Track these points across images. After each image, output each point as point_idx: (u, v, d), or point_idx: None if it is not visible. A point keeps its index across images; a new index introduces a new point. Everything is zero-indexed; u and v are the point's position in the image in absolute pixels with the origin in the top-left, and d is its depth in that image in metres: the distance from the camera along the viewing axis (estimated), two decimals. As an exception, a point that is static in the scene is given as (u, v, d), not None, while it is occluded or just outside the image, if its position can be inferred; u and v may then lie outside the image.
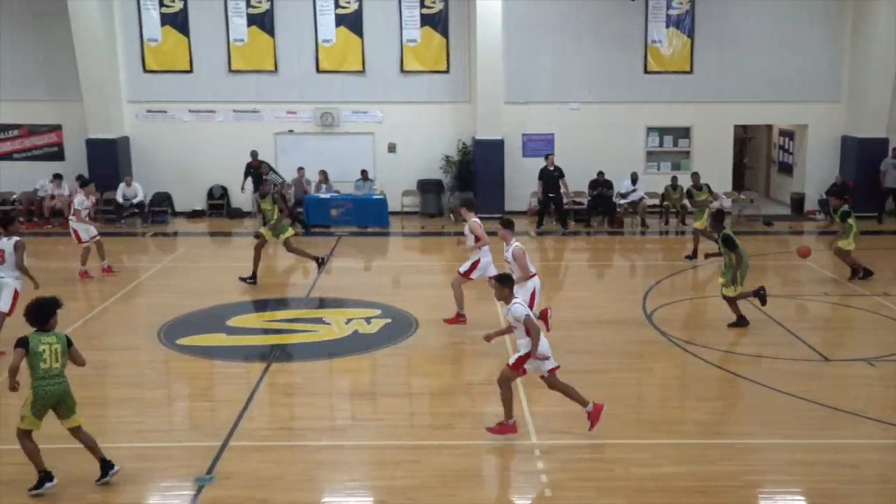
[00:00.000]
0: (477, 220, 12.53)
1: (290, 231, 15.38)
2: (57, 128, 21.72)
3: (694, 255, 16.83)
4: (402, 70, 21.69)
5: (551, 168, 20.41)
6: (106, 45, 20.68)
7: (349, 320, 12.96)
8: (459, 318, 12.48)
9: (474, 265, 12.38)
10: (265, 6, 21.23)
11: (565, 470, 8.09)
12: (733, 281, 12.26)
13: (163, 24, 21.23)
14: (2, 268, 11.44)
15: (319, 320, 12.95)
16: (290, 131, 21.91)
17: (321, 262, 15.52)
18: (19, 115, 21.55)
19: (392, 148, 22.03)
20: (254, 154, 20.17)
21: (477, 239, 12.29)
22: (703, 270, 15.78)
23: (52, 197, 20.71)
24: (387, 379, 10.93)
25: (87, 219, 15.73)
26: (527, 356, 8.57)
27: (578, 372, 10.83)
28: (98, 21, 20.32)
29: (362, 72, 21.67)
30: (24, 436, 7.66)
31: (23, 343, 7.55)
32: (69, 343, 7.80)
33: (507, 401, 8.66)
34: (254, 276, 15.15)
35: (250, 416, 9.34)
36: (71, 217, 15.99)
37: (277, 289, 15.29)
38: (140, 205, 20.92)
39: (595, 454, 8.41)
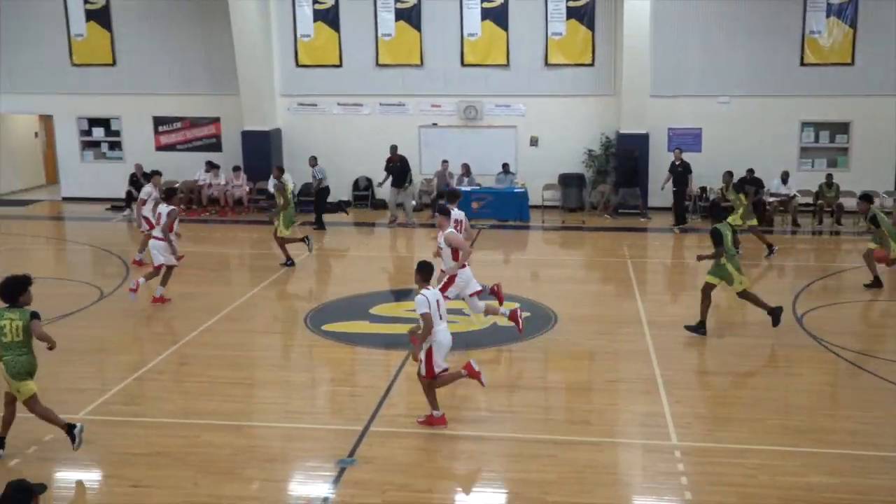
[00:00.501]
0: (453, 230, 11.60)
1: (283, 228, 15.86)
2: (216, 120, 22.83)
3: (770, 252, 16.69)
4: (546, 63, 21.59)
5: (678, 163, 19.95)
6: (262, 42, 21.55)
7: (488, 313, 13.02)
8: None
9: (450, 280, 11.42)
10: (413, 1, 21.59)
11: (706, 473, 7.89)
12: (716, 273, 11.83)
13: (315, 20, 21.92)
14: (157, 230, 13.55)
15: (459, 311, 13.08)
16: (434, 124, 22.21)
17: (307, 242, 16.20)
18: (182, 108, 22.78)
19: (534, 141, 21.99)
20: (393, 149, 20.55)
21: (455, 253, 11.35)
22: (859, 273, 15.00)
23: (210, 185, 21.75)
24: (524, 372, 10.95)
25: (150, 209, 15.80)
26: (429, 357, 8.65)
27: (721, 374, 10.55)
28: (256, 20, 21.19)
29: (506, 65, 21.71)
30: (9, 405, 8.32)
31: None
32: (35, 316, 8.15)
33: (432, 396, 8.84)
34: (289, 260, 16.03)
35: (390, 403, 9.56)
36: (142, 207, 16.17)
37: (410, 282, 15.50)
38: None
39: (738, 459, 8.16)
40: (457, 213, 12.31)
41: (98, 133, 23.41)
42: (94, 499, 7.68)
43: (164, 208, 13.55)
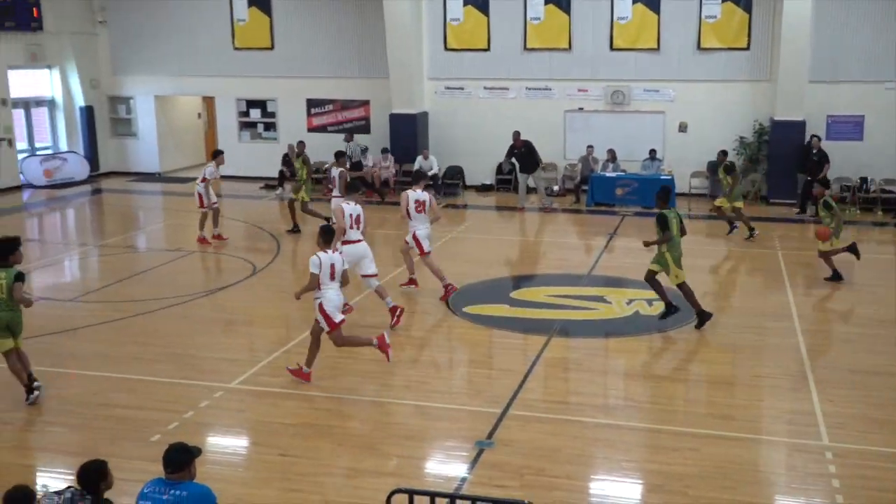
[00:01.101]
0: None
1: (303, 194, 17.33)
2: (365, 103, 23.36)
3: (751, 234, 16.82)
4: (698, 47, 20.94)
5: (815, 151, 18.95)
6: (413, 26, 21.85)
7: (630, 301, 12.85)
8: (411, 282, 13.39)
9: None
10: (562, -16, 21.39)
11: (860, 477, 7.53)
12: (658, 261, 11.50)
13: (465, 4, 22.03)
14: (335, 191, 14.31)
15: (601, 299, 12.95)
16: (580, 109, 21.96)
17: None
18: (334, 91, 23.44)
19: (683, 127, 21.40)
20: (516, 135, 20.38)
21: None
22: None
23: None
24: (665, 363, 10.74)
25: (210, 187, 16.54)
26: (322, 310, 9.40)
27: (878, 374, 10.02)
28: (407, 4, 21.49)
29: (656, 49, 21.19)
30: (8, 357, 8.97)
31: None
32: (19, 278, 8.75)
33: (352, 341, 9.83)
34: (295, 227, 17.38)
35: (529, 387, 9.58)
36: (199, 183, 16.64)
37: (559, 264, 15.46)
38: (434, 177, 21.97)
39: (894, 464, 7.75)
40: (420, 195, 12.76)
41: (255, 114, 24.40)
42: (242, 464, 8.06)
43: (335, 171, 15.10)
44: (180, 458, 5.27)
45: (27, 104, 23.64)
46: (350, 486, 7.41)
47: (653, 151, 20.91)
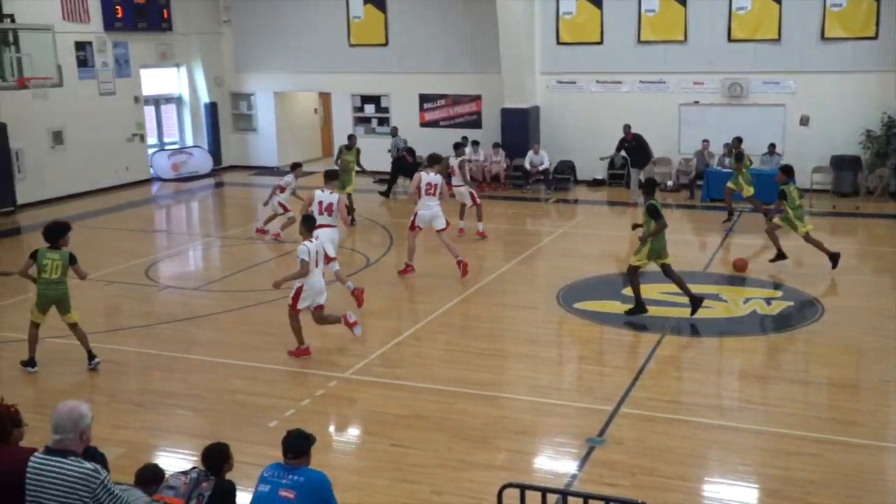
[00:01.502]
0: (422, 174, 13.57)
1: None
2: (477, 98, 23.46)
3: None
4: (822, 37, 20.16)
5: None
6: (525, 20, 21.79)
7: (747, 299, 12.52)
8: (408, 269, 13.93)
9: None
10: (679, -25, 20.94)
11: None
12: (638, 251, 11.67)
13: (578, -3, 21.88)
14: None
15: (716, 296, 12.66)
16: (696, 102, 21.46)
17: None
18: (446, 86, 23.62)
19: (805, 121, 20.65)
20: (626, 128, 20.04)
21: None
22: None
23: (469, 161, 22.35)
24: (784, 364, 10.43)
25: (290, 196, 16.57)
26: (298, 293, 10.10)
27: None
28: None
29: (777, 40, 20.51)
30: (32, 326, 9.94)
31: (32, 255, 9.80)
32: (73, 261, 9.80)
33: (296, 329, 10.31)
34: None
35: (642, 385, 9.47)
36: (278, 194, 16.68)
37: (672, 261, 15.12)
38: (545, 172, 21.89)
39: None
40: (433, 178, 13.93)
41: (369, 109, 24.84)
42: (355, 453, 8.26)
43: (454, 161, 16.01)
44: (301, 445, 5.45)
45: (157, 101, 24.72)
46: (461, 478, 7.49)
47: (772, 146, 20.25)
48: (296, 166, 17.48)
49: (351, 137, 20.02)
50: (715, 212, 18.99)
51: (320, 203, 12.40)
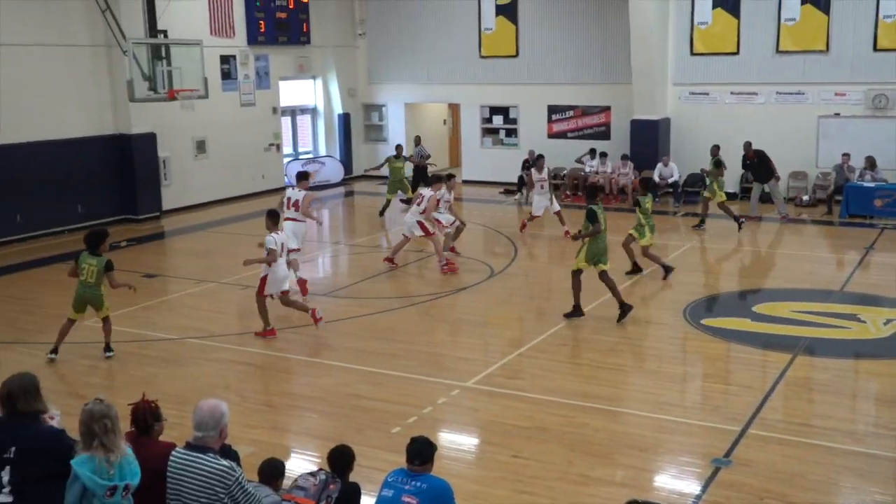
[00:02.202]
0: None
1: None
2: (606, 109, 23.25)
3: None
4: (978, 46, 19.05)
5: None
6: (658, 30, 21.49)
7: (889, 321, 11.92)
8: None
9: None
10: (822, -18, 20.20)
11: None
12: (578, 253, 12.16)
13: (714, 6, 21.38)
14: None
15: (854, 317, 12.12)
16: (836, 114, 20.61)
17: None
18: (575, 97, 23.53)
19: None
20: (747, 146, 19.37)
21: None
22: None
23: (596, 173, 22.21)
24: (929, 391, 9.88)
25: (446, 210, 15.99)
26: (263, 281, 11.37)
27: None
28: (653, 8, 21.17)
29: (929, 48, 19.50)
30: (67, 321, 10.75)
31: (75, 258, 10.63)
32: (108, 268, 10.46)
33: (263, 312, 11.52)
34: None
35: (771, 407, 9.17)
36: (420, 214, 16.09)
37: (807, 279, 14.62)
38: (674, 184, 21.47)
39: None
40: (424, 191, 15.42)
41: (497, 121, 24.99)
42: (475, 462, 8.31)
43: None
44: (425, 452, 5.54)
45: (293, 112, 25.63)
46: (581, 493, 7.45)
47: (920, 160, 19.23)
48: (449, 177, 17.71)
49: (398, 147, 21.28)
50: (854, 228, 18.20)
51: (288, 199, 14.01)
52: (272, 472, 5.81)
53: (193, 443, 5.04)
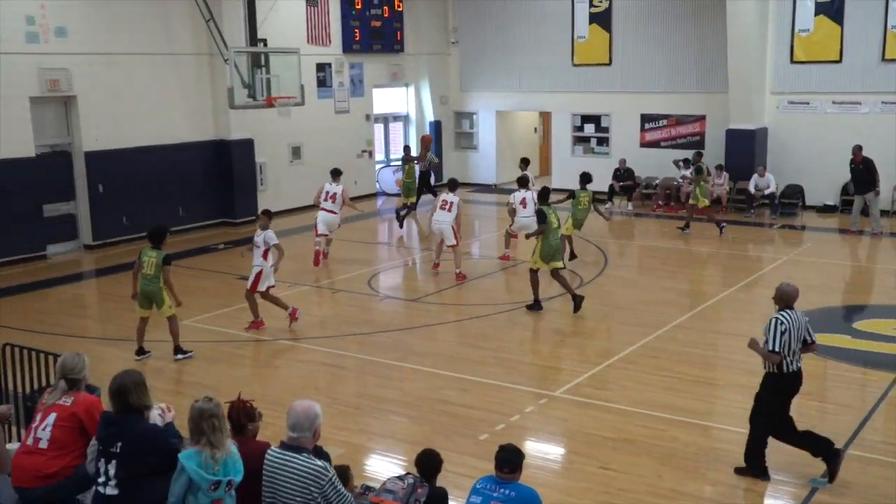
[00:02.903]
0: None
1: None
2: (701, 118, 22.84)
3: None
4: None
5: None
6: (757, 38, 21.01)
7: None
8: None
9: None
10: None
11: None
12: (533, 252, 12.98)
13: (816, 13, 20.79)
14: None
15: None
16: (947, 125, 19.79)
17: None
18: (669, 106, 23.18)
19: None
20: (856, 149, 18.61)
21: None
22: None
23: (690, 183, 21.78)
24: None
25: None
26: (259, 275, 11.90)
27: None
28: (753, 14, 20.71)
29: None
30: (140, 321, 11.04)
31: (140, 255, 10.92)
32: (166, 261, 10.65)
33: (253, 307, 12.16)
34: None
35: (872, 427, 8.87)
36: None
37: (914, 297, 14.07)
38: (771, 196, 20.94)
39: None
40: (451, 197, 15.59)
41: (589, 129, 24.81)
42: (563, 472, 8.26)
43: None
44: (515, 459, 5.54)
45: (386, 119, 25.97)
46: (670, 507, 7.35)
47: None
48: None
49: (406, 149, 21.79)
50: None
51: (326, 192, 16.27)
52: (428, 462, 5.93)
53: (288, 443, 5.16)
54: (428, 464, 5.97)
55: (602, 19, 23.70)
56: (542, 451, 8.62)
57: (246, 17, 19.05)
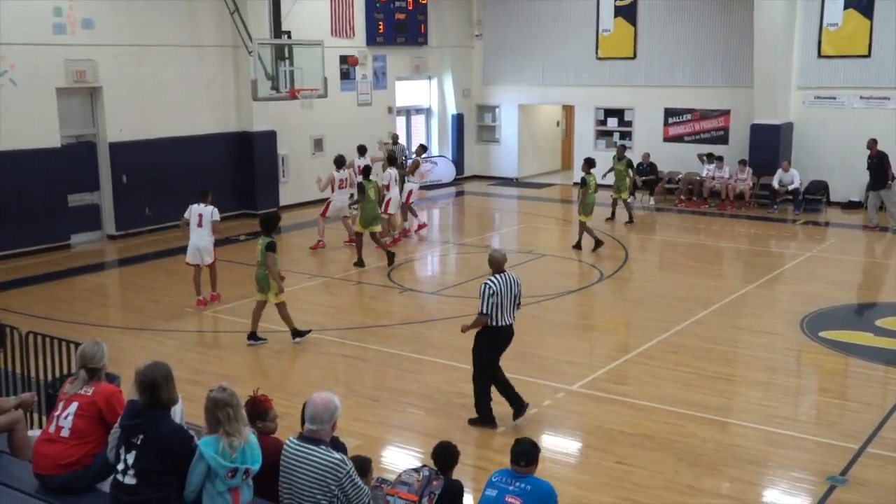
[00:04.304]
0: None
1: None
2: (725, 113, 22.66)
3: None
4: None
5: None
6: (784, 32, 20.81)
7: None
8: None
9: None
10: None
11: None
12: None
13: (845, 7, 20.55)
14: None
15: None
16: (976, 121, 19.51)
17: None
18: (693, 100, 23.01)
19: None
20: (871, 143, 18.45)
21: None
22: None
23: (713, 178, 21.68)
24: None
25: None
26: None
27: None
28: (780, 8, 20.50)
29: None
30: (257, 304, 11.27)
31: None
32: (269, 248, 10.85)
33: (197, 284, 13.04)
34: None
35: (892, 426, 8.79)
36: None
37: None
38: (794, 191, 20.76)
39: None
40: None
41: (612, 123, 24.70)
42: (579, 466, 8.26)
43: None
44: (531, 453, 5.54)
45: (408, 112, 25.97)
46: (687, 503, 7.32)
47: None
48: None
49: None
50: None
51: (341, 181, 17.16)
52: (359, 469, 5.94)
53: (307, 435, 5.19)
54: (444, 456, 5.99)
55: (627, 13, 23.56)
56: (558, 445, 8.63)
57: (270, 10, 19.10)
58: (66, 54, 16.83)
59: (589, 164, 16.80)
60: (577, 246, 16.72)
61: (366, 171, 16.46)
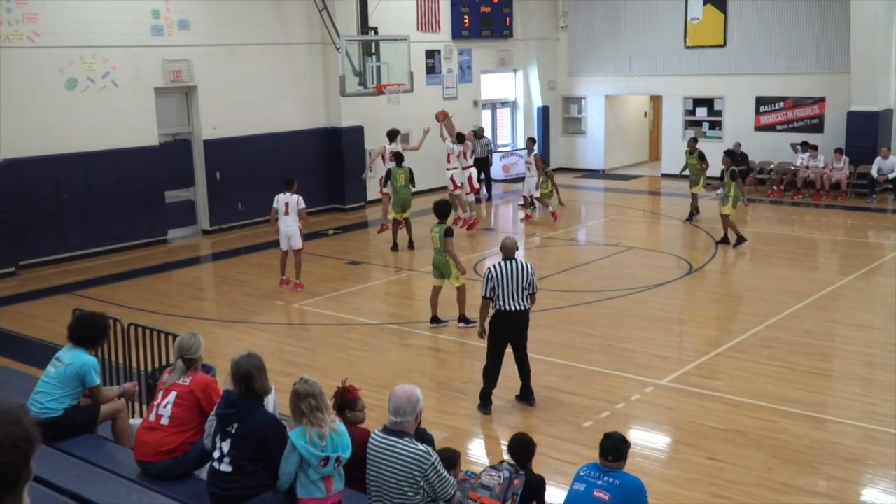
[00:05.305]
0: None
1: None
2: (820, 100, 21.97)
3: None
4: None
5: None
6: (883, 15, 20.05)
7: None
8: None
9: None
10: None
11: None
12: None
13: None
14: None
15: None
16: None
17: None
18: (787, 87, 22.38)
19: None
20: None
21: None
22: None
23: (807, 168, 21.05)
24: None
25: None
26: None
27: None
28: (879, -10, 19.82)
29: None
30: (433, 290, 11.69)
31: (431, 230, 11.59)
32: (447, 233, 11.19)
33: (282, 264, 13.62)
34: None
35: None
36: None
37: None
38: (895, 180, 19.99)
39: None
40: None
41: (701, 113, 24.20)
42: (669, 462, 8.16)
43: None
44: (620, 448, 5.49)
45: (493, 105, 25.96)
46: (782, 502, 7.15)
47: None
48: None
49: (691, 141, 20.36)
50: None
51: (391, 153, 17.21)
52: (447, 461, 6.00)
53: (391, 427, 5.27)
54: (520, 448, 5.99)
55: (717, 0, 23.05)
56: (647, 440, 8.53)
57: (358, 6, 19.35)
58: (164, 55, 17.39)
59: (731, 156, 16.71)
60: (724, 241, 16.11)
61: (398, 157, 16.81)
